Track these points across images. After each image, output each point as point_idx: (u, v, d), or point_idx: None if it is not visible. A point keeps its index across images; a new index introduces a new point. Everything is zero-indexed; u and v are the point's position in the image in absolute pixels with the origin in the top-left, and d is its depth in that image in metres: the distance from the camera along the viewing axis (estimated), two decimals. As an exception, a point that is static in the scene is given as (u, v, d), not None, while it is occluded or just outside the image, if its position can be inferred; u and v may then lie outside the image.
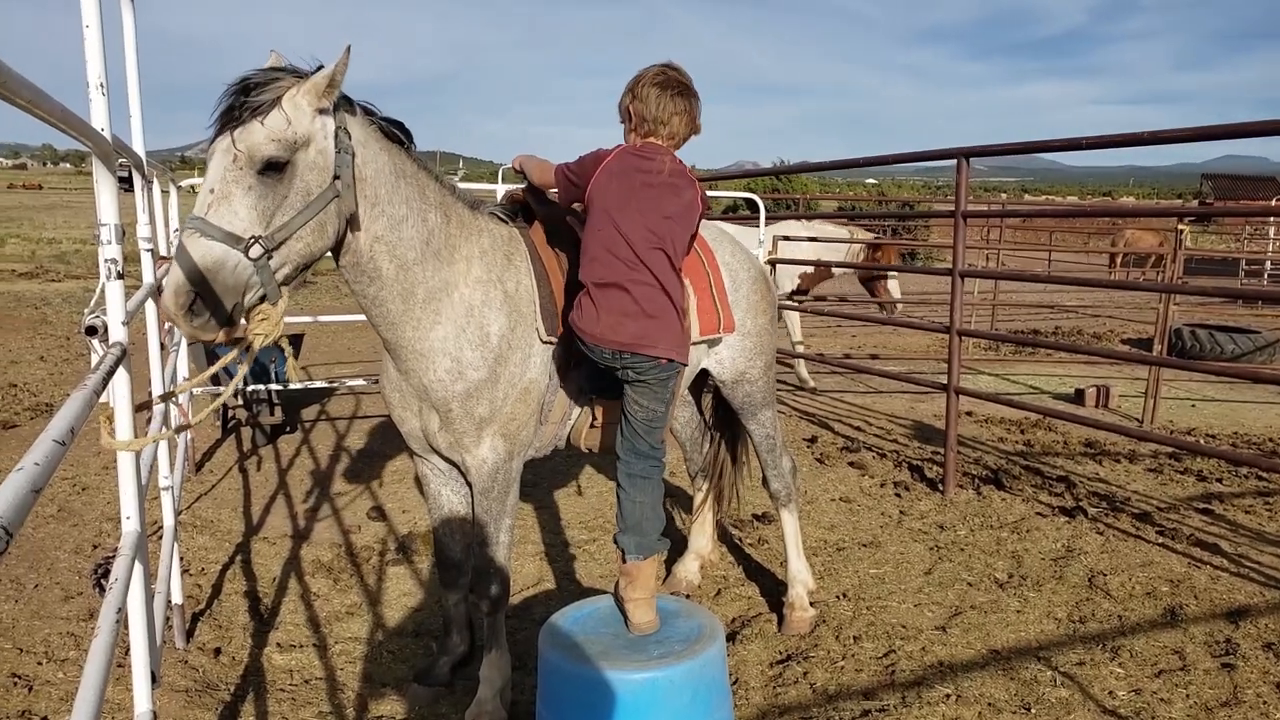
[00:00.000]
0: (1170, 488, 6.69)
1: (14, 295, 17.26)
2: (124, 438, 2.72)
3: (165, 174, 7.64)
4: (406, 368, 3.35)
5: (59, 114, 1.95)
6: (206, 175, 2.75)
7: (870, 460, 7.31)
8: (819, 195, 29.00)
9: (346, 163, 2.87)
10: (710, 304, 4.01)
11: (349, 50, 2.77)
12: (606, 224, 3.18)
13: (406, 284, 3.17)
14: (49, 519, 5.85)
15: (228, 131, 2.69)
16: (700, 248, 4.05)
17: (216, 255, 2.65)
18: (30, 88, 1.67)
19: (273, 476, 6.92)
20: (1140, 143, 5.42)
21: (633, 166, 3.22)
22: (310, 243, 2.86)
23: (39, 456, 1.52)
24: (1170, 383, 10.11)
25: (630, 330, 3.17)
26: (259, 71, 2.78)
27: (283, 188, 2.75)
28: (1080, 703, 3.79)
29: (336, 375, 9.63)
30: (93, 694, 1.95)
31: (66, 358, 11.42)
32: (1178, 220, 9.67)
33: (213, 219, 2.66)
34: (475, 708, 3.60)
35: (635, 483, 3.34)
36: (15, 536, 1.22)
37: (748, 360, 4.33)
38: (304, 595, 4.87)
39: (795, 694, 3.92)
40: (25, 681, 3.94)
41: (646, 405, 3.30)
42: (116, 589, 2.38)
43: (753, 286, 4.34)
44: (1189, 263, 12.15)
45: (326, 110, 2.83)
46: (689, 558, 5.04)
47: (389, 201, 3.06)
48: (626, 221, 3.16)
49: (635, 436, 3.34)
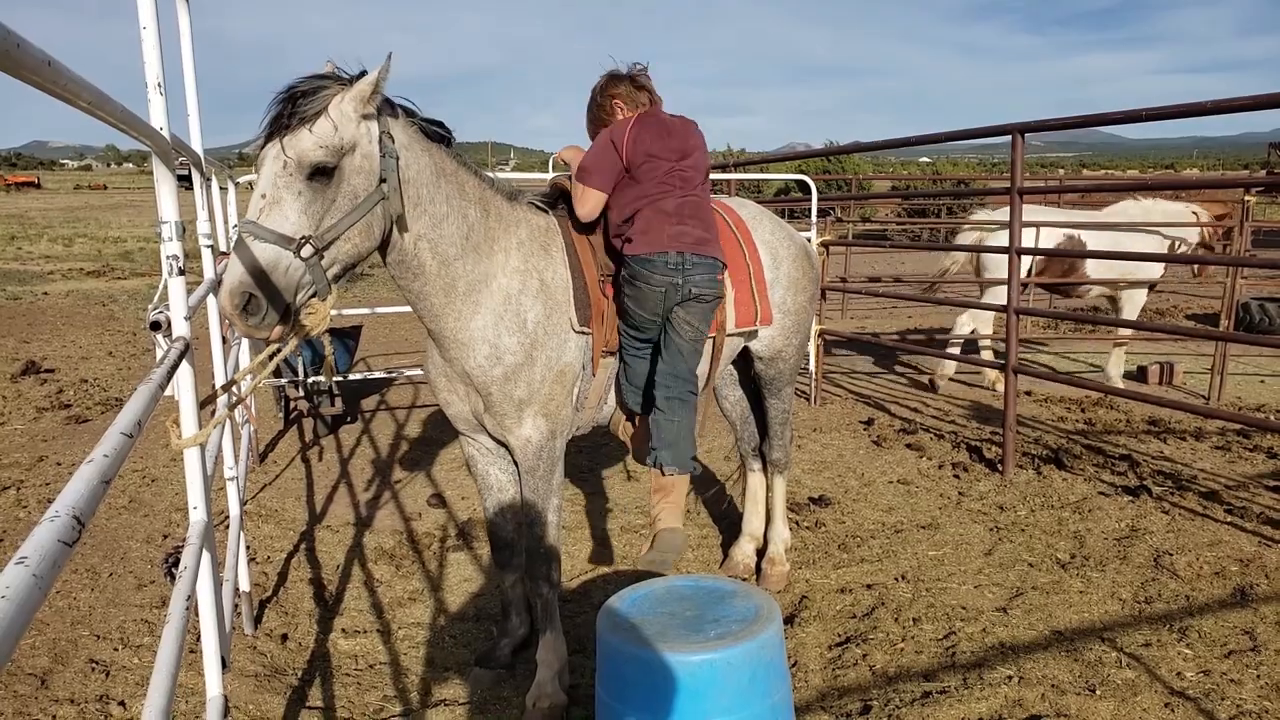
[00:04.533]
0: (1239, 465, 6.54)
1: (83, 294, 17.73)
2: (189, 433, 2.78)
3: (223, 171, 7.78)
4: (450, 356, 3.49)
5: (120, 115, 2.00)
6: (258, 182, 2.87)
7: (928, 442, 7.24)
8: (872, 175, 28.69)
9: (391, 167, 2.99)
10: (749, 297, 4.10)
11: (390, 58, 2.87)
12: (654, 161, 3.57)
13: (448, 278, 3.29)
14: (120, 510, 6.02)
15: (277, 138, 2.81)
16: (738, 230, 4.16)
17: (270, 257, 2.78)
18: (92, 90, 1.71)
19: (334, 466, 7.04)
20: (1202, 113, 5.27)
21: (653, 118, 3.66)
22: (358, 243, 2.98)
23: (108, 449, 1.57)
24: (1238, 358, 9.85)
25: (693, 236, 3.55)
26: (305, 80, 2.88)
27: (331, 191, 2.87)
28: (1147, 684, 3.74)
29: (395, 365, 9.75)
30: (166, 679, 2.01)
31: (133, 353, 11.72)
32: (1244, 191, 9.40)
33: (265, 223, 2.79)
34: (535, 690, 3.65)
35: (673, 404, 3.60)
36: (87, 526, 1.26)
37: (785, 339, 4.44)
38: (367, 582, 4.96)
39: (854, 676, 3.91)
40: (103, 667, 4.07)
41: (695, 325, 3.60)
42: (186, 577, 2.44)
43: (794, 263, 4.40)
44: (1256, 234, 11.79)
45: (371, 116, 2.94)
46: (744, 540, 5.05)
47: (430, 200, 3.18)
48: (670, 154, 3.59)
49: (678, 358, 3.60)
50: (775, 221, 4.49)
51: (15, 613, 0.92)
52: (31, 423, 8.32)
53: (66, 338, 12.83)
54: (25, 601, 0.95)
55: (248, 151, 24.07)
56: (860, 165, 33.14)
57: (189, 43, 4.10)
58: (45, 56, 1.31)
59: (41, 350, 11.74)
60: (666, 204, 3.54)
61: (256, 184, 2.87)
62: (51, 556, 1.08)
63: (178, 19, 4.03)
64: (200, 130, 4.35)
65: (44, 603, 4.18)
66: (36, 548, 1.08)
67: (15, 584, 0.96)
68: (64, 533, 1.17)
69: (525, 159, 67.75)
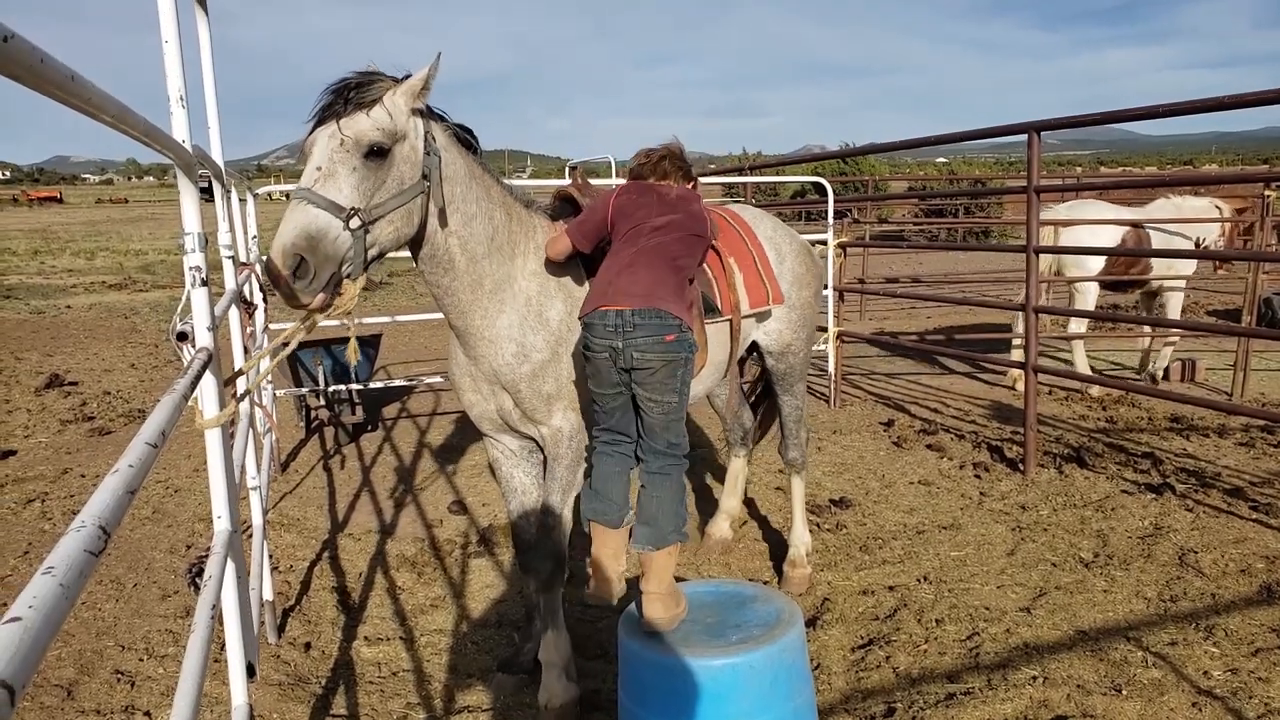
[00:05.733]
0: (1263, 461, 6.48)
1: (105, 306, 17.88)
2: (212, 434, 2.81)
3: (243, 183, 7.84)
4: (477, 354, 3.56)
5: (143, 128, 2.02)
6: (312, 156, 2.99)
7: (949, 442, 7.21)
8: (888, 176, 28.59)
9: (434, 164, 3.15)
10: (757, 279, 4.22)
11: (439, 57, 3.06)
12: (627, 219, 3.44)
13: (475, 275, 3.39)
14: (145, 520, 6.07)
15: (333, 120, 2.96)
16: (740, 226, 4.33)
17: (322, 223, 2.90)
18: (116, 104, 1.73)
19: (356, 474, 7.08)
20: (1221, 107, 5.23)
21: (648, 185, 3.59)
22: (399, 227, 3.11)
23: (133, 459, 1.58)
24: (1261, 354, 9.76)
25: (640, 288, 3.26)
26: (358, 74, 3.05)
27: (382, 173, 3.02)
28: (1174, 683, 3.70)
29: (415, 373, 9.79)
30: (192, 687, 2.02)
31: (156, 364, 11.80)
32: (1264, 186, 9.32)
33: (319, 190, 2.92)
34: (544, 692, 3.69)
35: (653, 479, 3.35)
36: (112, 536, 1.28)
37: (793, 332, 4.57)
38: (389, 589, 4.98)
39: (878, 678, 3.90)
40: (128, 677, 4.10)
41: (661, 399, 3.27)
42: (210, 586, 2.46)
43: (797, 259, 4.57)
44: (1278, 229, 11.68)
45: (419, 112, 3.11)
46: (720, 518, 5.40)
47: (463, 200, 3.31)
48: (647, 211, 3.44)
49: (650, 435, 3.33)
50: (776, 221, 4.69)
51: (43, 623, 0.93)
52: (56, 435, 8.40)
53: (89, 350, 12.94)
54: (53, 612, 0.96)
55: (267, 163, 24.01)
56: (876, 166, 33.05)
57: (209, 55, 4.13)
58: (69, 71, 1.33)
59: (65, 363, 11.84)
60: (620, 257, 3.37)
61: (310, 159, 2.99)
62: (78, 566, 1.09)
63: (197, 31, 4.07)
64: (220, 142, 4.38)
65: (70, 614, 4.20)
66: (63, 558, 1.09)
67: (42, 594, 0.98)
68: (90, 543, 1.18)
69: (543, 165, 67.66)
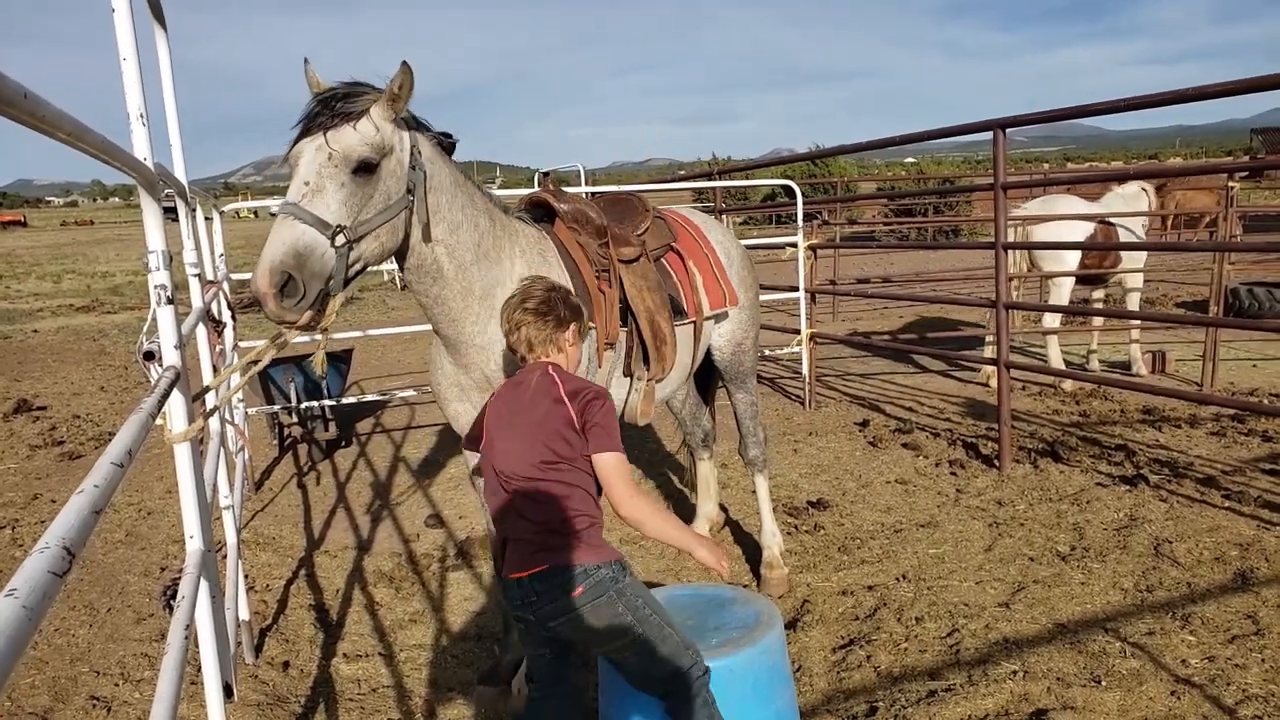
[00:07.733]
0: (1235, 450, 6.55)
1: (73, 329, 17.69)
2: (182, 452, 2.78)
3: (208, 200, 7.77)
4: (468, 361, 3.54)
5: (100, 145, 1.99)
6: (299, 170, 2.91)
7: (924, 440, 7.24)
8: (857, 178, 28.75)
9: (420, 179, 3.11)
10: (715, 282, 4.37)
11: (405, 64, 2.96)
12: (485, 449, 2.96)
13: (465, 282, 3.38)
14: (117, 544, 6.00)
15: (319, 132, 2.89)
16: (695, 232, 4.47)
17: (310, 240, 2.83)
18: (72, 121, 1.70)
19: (331, 490, 7.02)
20: (1183, 99, 5.28)
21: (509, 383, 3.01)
22: (384, 242, 3.06)
23: (99, 479, 1.56)
24: (1229, 344, 9.88)
25: (527, 546, 2.76)
26: (344, 85, 3.00)
27: (369, 188, 2.96)
28: (1152, 673, 3.73)
29: (388, 388, 9.73)
30: (166, 710, 1.99)
31: (125, 386, 11.68)
32: (1228, 177, 9.44)
33: (307, 206, 2.84)
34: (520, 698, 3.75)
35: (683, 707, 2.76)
36: (79, 557, 1.26)
37: (744, 331, 4.74)
38: (367, 605, 4.94)
39: (859, 678, 3.90)
40: (104, 703, 4.05)
41: (619, 654, 2.77)
42: (184, 606, 2.43)
43: (741, 262, 4.74)
44: (1244, 220, 11.83)
45: (401, 125, 3.06)
46: (700, 522, 5.41)
47: (449, 208, 3.29)
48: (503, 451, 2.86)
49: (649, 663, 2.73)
50: (722, 228, 4.85)
51: (6, 646, 0.91)
52: (25, 461, 8.29)
53: (58, 374, 12.79)
54: (16, 634, 0.95)
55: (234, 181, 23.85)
56: (845, 168, 33.23)
57: (169, 73, 4.10)
58: (21, 89, 1.31)
59: (33, 388, 11.69)
60: (492, 511, 2.93)
61: (296, 172, 2.91)
62: (42, 588, 1.08)
63: (157, 50, 4.03)
64: (184, 160, 4.34)
65: (43, 641, 4.14)
66: (26, 580, 1.07)
67: (5, 616, 0.96)
68: (54, 564, 1.16)
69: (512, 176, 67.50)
